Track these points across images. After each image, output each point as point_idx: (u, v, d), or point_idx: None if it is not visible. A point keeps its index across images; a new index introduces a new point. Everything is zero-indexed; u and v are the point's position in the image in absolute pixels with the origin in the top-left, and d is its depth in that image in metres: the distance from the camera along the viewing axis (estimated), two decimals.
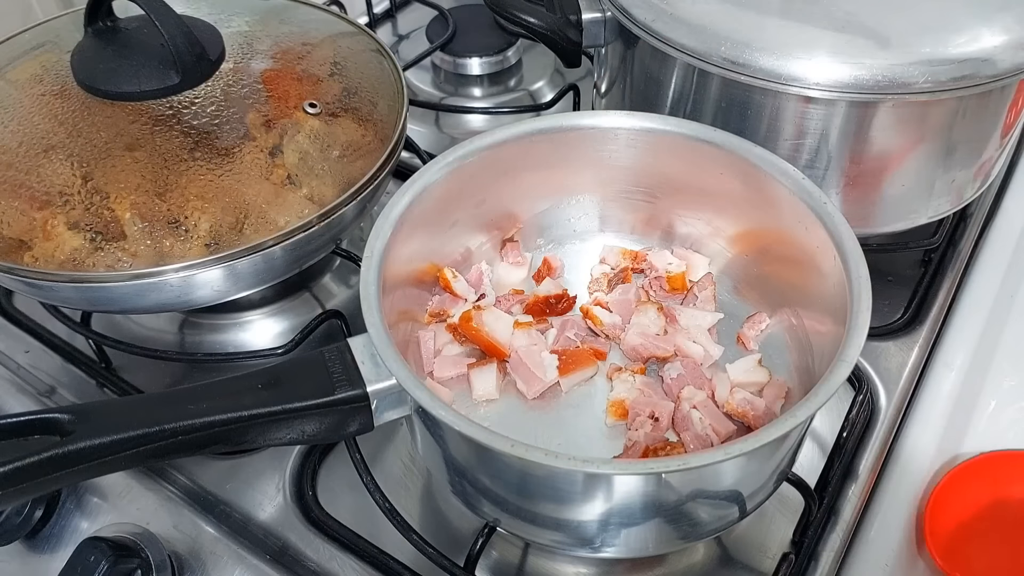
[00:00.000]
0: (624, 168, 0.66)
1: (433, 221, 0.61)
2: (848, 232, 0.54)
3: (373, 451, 0.64)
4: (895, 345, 0.70)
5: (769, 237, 0.62)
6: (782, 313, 0.63)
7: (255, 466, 0.64)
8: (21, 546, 0.61)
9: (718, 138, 0.61)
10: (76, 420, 0.45)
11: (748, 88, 0.63)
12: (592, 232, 0.70)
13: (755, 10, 0.63)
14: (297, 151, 0.64)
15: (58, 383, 0.71)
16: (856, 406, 0.64)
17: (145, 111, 0.64)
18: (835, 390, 0.46)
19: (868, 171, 0.66)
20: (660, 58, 0.67)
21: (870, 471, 0.62)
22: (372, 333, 0.49)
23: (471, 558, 0.55)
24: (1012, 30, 0.60)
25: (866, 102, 0.61)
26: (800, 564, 0.57)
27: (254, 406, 0.47)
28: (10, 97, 0.66)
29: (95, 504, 0.61)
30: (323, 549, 0.59)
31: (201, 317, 0.74)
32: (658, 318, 0.62)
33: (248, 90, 0.67)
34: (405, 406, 0.50)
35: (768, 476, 0.53)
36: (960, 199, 0.72)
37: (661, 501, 0.49)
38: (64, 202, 0.60)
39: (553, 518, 0.51)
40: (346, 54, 0.73)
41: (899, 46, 0.60)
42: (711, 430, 0.56)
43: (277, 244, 0.60)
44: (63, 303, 0.70)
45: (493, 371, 0.60)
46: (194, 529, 0.59)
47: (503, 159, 0.63)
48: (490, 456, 0.49)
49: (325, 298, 0.77)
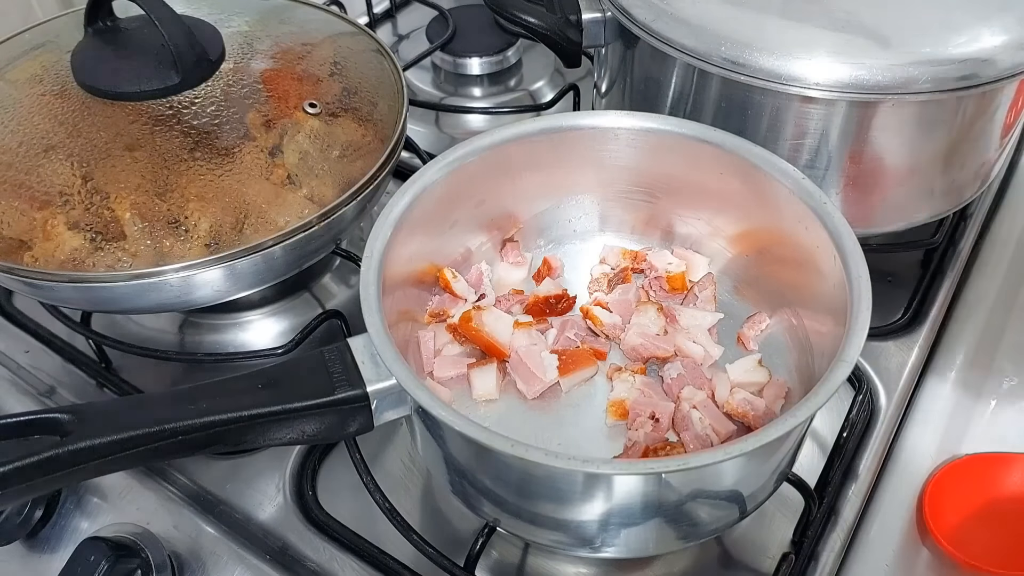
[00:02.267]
0: (624, 168, 0.66)
1: (433, 221, 0.61)
2: (848, 232, 0.54)
3: (373, 451, 0.64)
4: (895, 345, 0.70)
5: (769, 237, 0.62)
6: (782, 313, 0.63)
7: (255, 466, 0.64)
8: (21, 546, 0.61)
9: (718, 138, 0.61)
10: (76, 420, 0.45)
11: (748, 88, 0.63)
12: (592, 232, 0.70)
13: (755, 10, 0.63)
14: (297, 151, 0.64)
15: (58, 383, 0.71)
16: (856, 406, 0.64)
17: (145, 111, 0.64)
18: (835, 390, 0.46)
19: (868, 171, 0.66)
20: (660, 58, 0.67)
21: (870, 471, 0.62)
22: (372, 333, 0.49)
23: (471, 558, 0.55)
24: (1012, 30, 0.60)
25: (866, 102, 0.61)
26: (800, 564, 0.57)
27: (254, 406, 0.47)
28: (10, 97, 0.66)
29: (95, 504, 0.61)
30: (323, 549, 0.59)
31: (201, 317, 0.74)
32: (658, 318, 0.62)
33: (248, 90, 0.67)
34: (405, 406, 0.50)
35: (768, 476, 0.53)
36: (960, 199, 0.72)
37: (661, 501, 0.49)
38: (64, 202, 0.60)
39: (553, 518, 0.51)
40: (346, 54, 0.73)
41: (899, 46, 0.60)
42: (711, 430, 0.56)
43: (277, 244, 0.60)
44: (63, 303, 0.70)
45: (493, 371, 0.60)
46: (194, 529, 0.59)
47: (503, 159, 0.63)
48: (490, 456, 0.49)
49: (325, 298, 0.77)
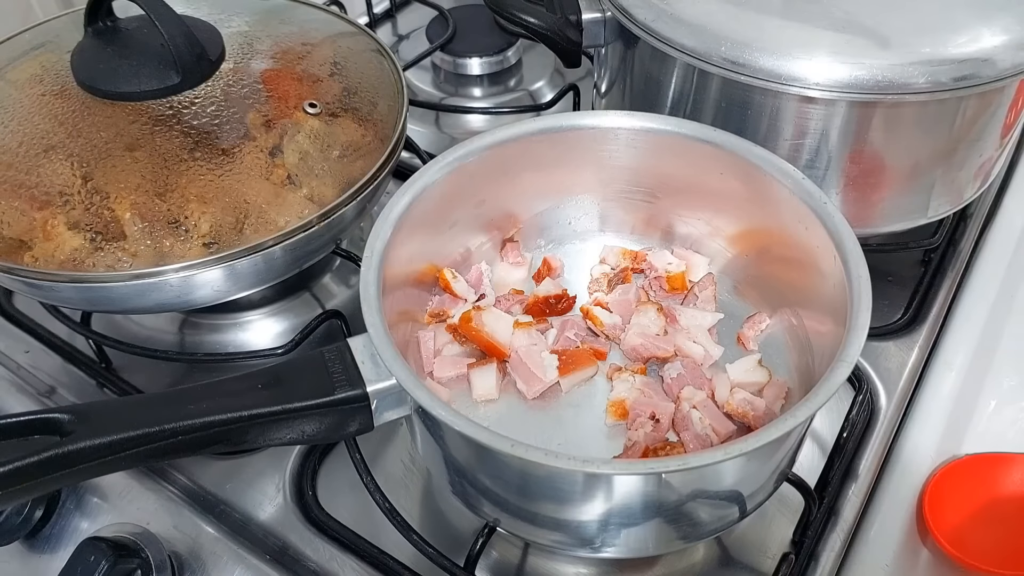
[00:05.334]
0: (624, 168, 0.66)
1: (433, 221, 0.61)
2: (848, 232, 0.54)
3: (373, 451, 0.64)
4: (895, 345, 0.70)
5: (769, 237, 0.62)
6: (782, 313, 0.63)
7: (255, 466, 0.64)
8: (21, 546, 0.61)
9: (718, 138, 0.61)
10: (76, 420, 0.45)
11: (748, 88, 0.63)
12: (592, 232, 0.70)
13: (755, 10, 0.63)
14: (297, 151, 0.64)
15: (58, 383, 0.71)
16: (856, 406, 0.64)
17: (145, 111, 0.64)
18: (835, 390, 0.46)
19: (868, 171, 0.66)
20: (660, 58, 0.67)
21: (870, 471, 0.62)
22: (372, 333, 0.49)
23: (471, 558, 0.55)
24: (1012, 30, 0.60)
25: (866, 102, 0.61)
26: (800, 564, 0.57)
27: (254, 406, 0.47)
28: (10, 97, 0.66)
29: (95, 504, 0.61)
30: (323, 549, 0.59)
31: (201, 317, 0.74)
32: (658, 318, 0.62)
33: (248, 90, 0.67)
34: (405, 406, 0.50)
35: (768, 476, 0.53)
36: (960, 199, 0.72)
37: (661, 501, 0.49)
38: (64, 202, 0.60)
39: (553, 518, 0.51)
40: (346, 54, 0.73)
41: (899, 46, 0.60)
42: (711, 430, 0.56)
43: (277, 244, 0.60)
44: (63, 303, 0.70)
45: (493, 371, 0.60)
46: (194, 529, 0.59)
47: (503, 159, 0.63)
48: (490, 456, 0.49)
49: (325, 298, 0.77)
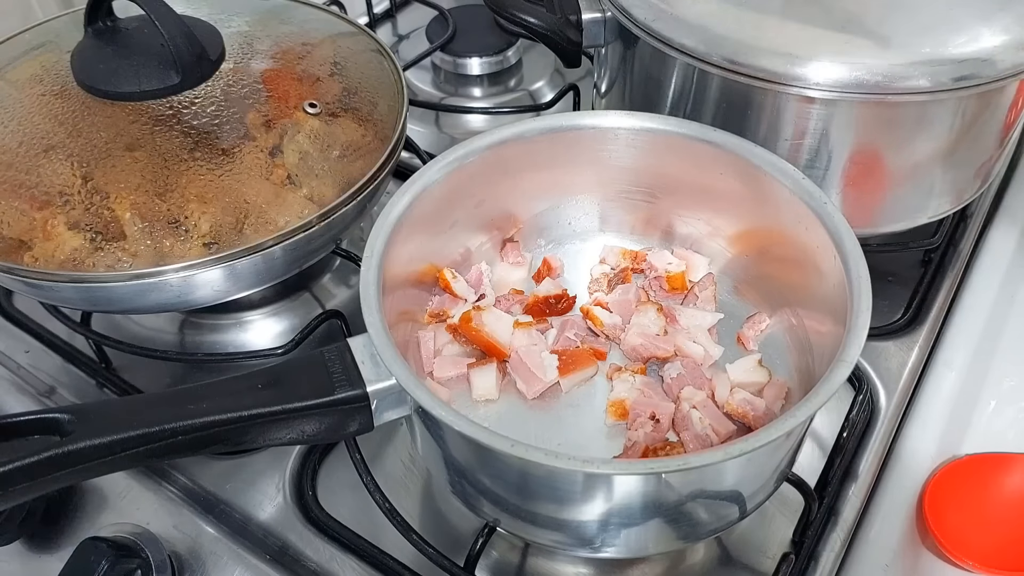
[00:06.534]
0: (624, 168, 0.66)
1: (433, 221, 0.61)
2: (848, 232, 0.54)
3: (373, 451, 0.64)
4: (895, 345, 0.70)
5: (769, 237, 0.62)
6: (782, 313, 0.63)
7: (255, 466, 0.64)
8: (21, 546, 0.61)
9: (718, 138, 0.61)
10: (76, 420, 0.45)
11: (748, 88, 0.63)
12: (592, 232, 0.70)
13: (755, 10, 0.63)
14: (297, 151, 0.64)
15: (58, 383, 0.71)
16: (856, 406, 0.64)
17: (145, 111, 0.64)
18: (835, 390, 0.46)
19: (868, 171, 0.66)
20: (660, 58, 0.67)
21: (870, 471, 0.62)
22: (372, 333, 0.49)
23: (471, 558, 0.55)
24: (1012, 30, 0.60)
25: (866, 102, 0.61)
26: (800, 564, 0.57)
27: (254, 406, 0.47)
28: (10, 97, 0.66)
29: (95, 504, 0.61)
30: (323, 549, 0.59)
31: (201, 317, 0.74)
32: (658, 318, 0.62)
33: (248, 90, 0.67)
34: (405, 406, 0.50)
35: (768, 476, 0.53)
36: (960, 199, 0.71)
37: (661, 501, 0.49)
38: (64, 202, 0.60)
39: (553, 518, 0.51)
40: (346, 54, 0.73)
41: (899, 46, 0.60)
42: (711, 430, 0.56)
43: (277, 244, 0.60)
44: (63, 303, 0.70)
45: (493, 371, 0.60)
46: (194, 529, 0.59)
47: (503, 159, 0.63)
48: (490, 456, 0.49)
49: (325, 298, 0.77)
